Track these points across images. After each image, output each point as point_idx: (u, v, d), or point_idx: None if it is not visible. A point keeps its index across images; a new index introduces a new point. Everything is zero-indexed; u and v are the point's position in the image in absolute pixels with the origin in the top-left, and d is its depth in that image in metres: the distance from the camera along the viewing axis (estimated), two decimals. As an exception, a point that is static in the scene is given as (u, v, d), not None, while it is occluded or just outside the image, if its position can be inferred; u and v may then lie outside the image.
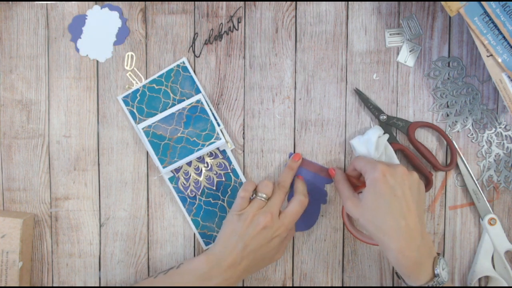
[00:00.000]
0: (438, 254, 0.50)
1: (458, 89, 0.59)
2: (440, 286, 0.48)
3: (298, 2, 0.60)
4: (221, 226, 0.57)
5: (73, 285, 0.63)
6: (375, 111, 0.59)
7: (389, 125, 0.59)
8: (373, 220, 0.50)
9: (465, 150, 0.60)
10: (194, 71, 0.61)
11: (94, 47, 0.61)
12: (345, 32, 0.60)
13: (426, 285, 0.48)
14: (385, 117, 0.59)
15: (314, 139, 0.60)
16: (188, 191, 0.61)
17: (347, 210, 0.53)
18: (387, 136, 0.58)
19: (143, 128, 0.59)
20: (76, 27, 0.61)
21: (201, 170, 0.61)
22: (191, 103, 0.59)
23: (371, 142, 0.56)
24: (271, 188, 0.56)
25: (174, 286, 0.53)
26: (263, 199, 0.56)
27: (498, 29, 0.50)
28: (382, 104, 0.60)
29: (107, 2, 0.61)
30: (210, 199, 0.61)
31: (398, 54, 0.59)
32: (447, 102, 0.59)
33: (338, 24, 0.60)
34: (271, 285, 0.62)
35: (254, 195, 0.56)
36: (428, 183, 0.59)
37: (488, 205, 0.59)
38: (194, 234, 0.62)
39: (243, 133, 0.61)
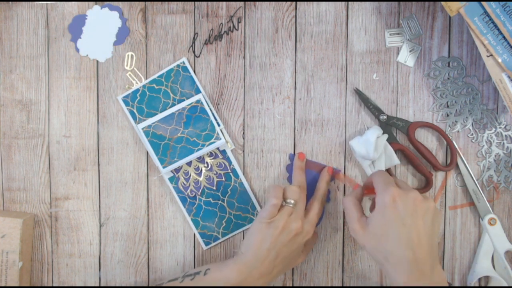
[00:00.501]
0: (449, 283, 0.48)
1: (458, 89, 0.59)
2: None
3: (298, 2, 0.60)
4: (247, 234, 0.55)
5: (73, 285, 0.63)
6: (375, 111, 0.59)
7: (389, 125, 0.59)
8: (379, 248, 0.47)
9: (465, 150, 0.60)
10: (194, 71, 0.61)
11: (94, 47, 0.61)
12: (345, 32, 0.60)
13: None
14: (385, 117, 0.59)
15: (314, 139, 0.60)
16: (188, 191, 0.61)
17: (353, 233, 0.50)
18: (386, 136, 0.58)
19: (143, 128, 0.59)
20: (76, 27, 0.61)
21: (201, 170, 0.61)
22: (191, 103, 0.59)
23: (370, 143, 0.56)
24: (299, 193, 0.55)
25: None
26: (291, 205, 0.54)
27: (498, 29, 0.50)
28: (382, 104, 0.60)
29: (107, 2, 0.61)
30: (210, 199, 0.61)
31: (398, 54, 0.59)
32: (447, 102, 0.59)
33: (338, 24, 0.60)
34: (271, 285, 0.62)
35: (283, 202, 0.55)
36: (428, 183, 0.59)
37: (488, 205, 0.59)
38: (194, 234, 0.62)
39: (243, 133, 0.61)
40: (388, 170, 0.59)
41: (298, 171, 0.58)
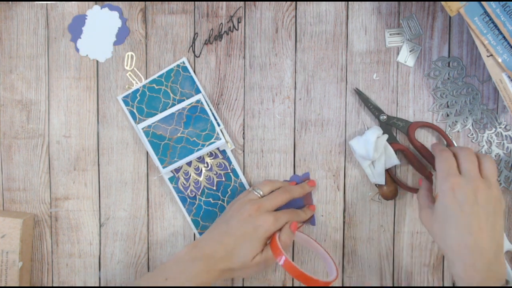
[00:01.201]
0: (507, 281, 0.47)
1: (458, 89, 0.59)
2: None
3: (298, 2, 0.60)
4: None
5: (73, 285, 0.63)
6: (375, 111, 0.59)
7: (389, 125, 0.59)
8: (440, 234, 0.47)
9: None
10: (194, 71, 0.61)
11: (94, 47, 0.61)
12: (345, 32, 0.60)
13: None
14: (385, 117, 0.59)
15: (314, 139, 0.60)
16: (188, 191, 0.61)
17: (421, 219, 0.51)
18: (386, 136, 0.58)
19: (143, 128, 0.59)
20: (76, 27, 0.61)
21: (201, 170, 0.61)
22: (191, 103, 0.59)
23: (370, 143, 0.56)
24: (269, 188, 0.56)
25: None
26: (257, 194, 0.55)
27: (498, 29, 0.50)
28: (382, 104, 0.60)
29: (107, 2, 0.61)
30: (210, 199, 0.61)
31: (398, 54, 0.59)
32: (447, 102, 0.59)
33: (338, 24, 0.60)
34: (271, 285, 0.62)
35: (251, 188, 0.57)
36: None
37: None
38: (194, 234, 0.62)
39: (243, 133, 0.61)
40: (388, 171, 0.59)
41: (299, 188, 0.58)
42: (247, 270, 0.53)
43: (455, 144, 0.59)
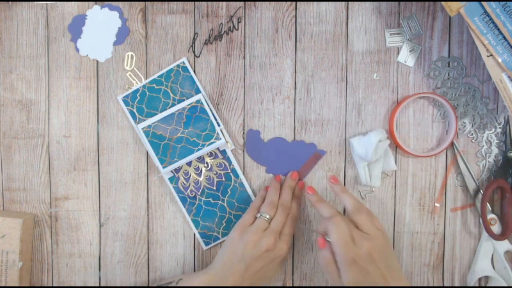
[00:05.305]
0: None
1: (458, 88, 0.59)
2: None
3: (298, 2, 0.60)
4: (223, 244, 0.57)
5: (73, 285, 0.63)
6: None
7: None
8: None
9: (465, 150, 0.60)
10: (194, 71, 0.61)
11: (94, 47, 0.61)
12: (345, 32, 0.60)
13: None
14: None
15: (314, 139, 0.60)
16: (188, 191, 0.61)
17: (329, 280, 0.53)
18: (388, 142, 0.58)
19: (143, 128, 0.59)
20: (76, 27, 0.61)
21: (201, 170, 0.61)
22: (191, 103, 0.59)
23: (371, 144, 0.56)
24: (275, 209, 0.56)
25: None
26: (266, 219, 0.55)
27: (498, 29, 0.50)
28: (382, 104, 0.60)
29: (107, 2, 0.61)
30: (210, 199, 0.61)
31: (398, 54, 0.59)
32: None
33: (338, 24, 0.60)
34: (271, 285, 0.62)
35: (259, 214, 0.56)
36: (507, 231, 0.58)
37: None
38: (194, 234, 0.62)
39: (243, 133, 0.61)
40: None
41: (286, 189, 0.59)
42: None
43: (456, 144, 0.59)
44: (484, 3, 0.50)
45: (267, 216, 0.55)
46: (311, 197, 0.57)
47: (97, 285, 0.63)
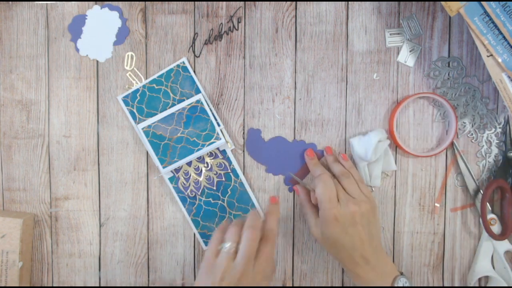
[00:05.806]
0: (401, 273, 0.54)
1: (458, 88, 0.59)
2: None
3: (298, 2, 0.60)
4: (198, 271, 0.52)
5: (73, 285, 0.63)
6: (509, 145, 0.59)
7: None
8: (331, 250, 0.55)
9: (465, 150, 0.60)
10: (194, 71, 0.61)
11: (94, 47, 0.61)
12: (345, 32, 0.60)
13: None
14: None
15: (314, 139, 0.60)
16: (188, 191, 0.61)
17: (313, 235, 0.56)
18: (388, 142, 0.58)
19: (143, 128, 0.59)
20: (76, 27, 0.61)
21: (201, 170, 0.61)
22: (191, 103, 0.59)
23: (371, 144, 0.56)
24: (238, 233, 0.52)
25: None
26: (225, 249, 0.50)
27: (498, 29, 0.50)
28: (382, 104, 0.60)
29: (107, 2, 0.61)
30: (210, 199, 0.61)
31: (398, 54, 0.59)
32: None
33: (338, 24, 0.60)
34: (271, 285, 0.62)
35: (219, 246, 0.51)
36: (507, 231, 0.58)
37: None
38: (194, 234, 0.62)
39: (243, 133, 0.61)
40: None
41: (268, 216, 0.55)
42: None
43: (456, 144, 0.59)
44: (484, 3, 0.50)
45: (227, 246, 0.50)
46: (328, 158, 0.59)
47: (97, 285, 0.63)
